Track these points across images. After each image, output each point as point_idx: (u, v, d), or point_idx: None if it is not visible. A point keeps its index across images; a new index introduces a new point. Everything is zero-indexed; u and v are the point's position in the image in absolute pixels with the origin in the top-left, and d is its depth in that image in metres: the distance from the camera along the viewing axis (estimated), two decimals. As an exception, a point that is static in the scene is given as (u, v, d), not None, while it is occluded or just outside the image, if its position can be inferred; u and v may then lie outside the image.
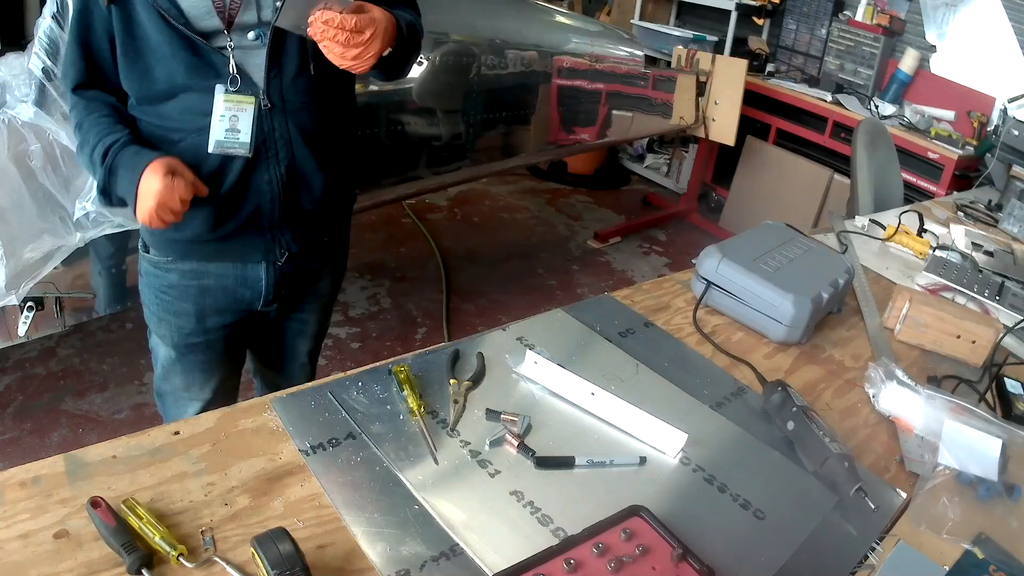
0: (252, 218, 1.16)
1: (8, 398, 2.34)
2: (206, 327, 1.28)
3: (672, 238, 4.29)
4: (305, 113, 1.14)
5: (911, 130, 3.49)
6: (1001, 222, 2.29)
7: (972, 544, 0.91)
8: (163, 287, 1.25)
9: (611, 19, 4.95)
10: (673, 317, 1.35)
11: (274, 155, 1.13)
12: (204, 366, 1.33)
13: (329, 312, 1.50)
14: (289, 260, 1.25)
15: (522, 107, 2.81)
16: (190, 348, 1.30)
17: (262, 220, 1.17)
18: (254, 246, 1.21)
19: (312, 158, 1.17)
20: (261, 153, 1.11)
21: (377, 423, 0.96)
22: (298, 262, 1.27)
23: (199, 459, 0.87)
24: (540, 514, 0.86)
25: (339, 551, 0.78)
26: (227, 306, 1.27)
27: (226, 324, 1.29)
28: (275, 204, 1.16)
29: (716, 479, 0.95)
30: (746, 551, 0.85)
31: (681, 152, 4.84)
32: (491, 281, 3.46)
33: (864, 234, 1.92)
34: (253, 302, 1.27)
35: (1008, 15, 3.46)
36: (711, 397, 1.12)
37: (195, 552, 0.75)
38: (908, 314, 1.38)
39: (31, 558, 0.72)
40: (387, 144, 2.29)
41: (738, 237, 1.48)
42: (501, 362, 1.12)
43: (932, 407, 1.11)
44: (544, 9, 3.09)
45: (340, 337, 2.88)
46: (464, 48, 2.44)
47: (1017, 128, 2.81)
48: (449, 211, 4.18)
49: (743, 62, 3.52)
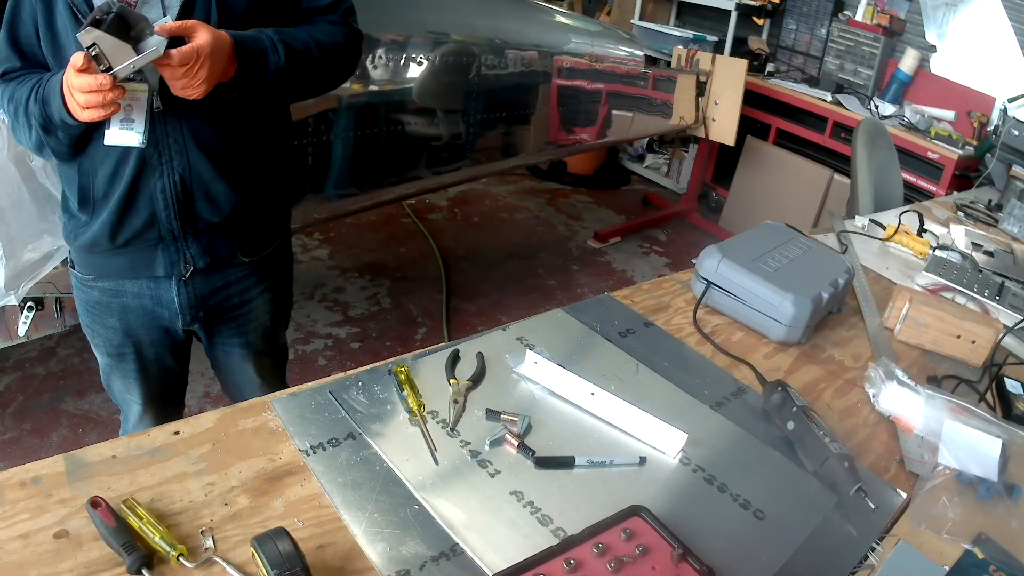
0: (149, 226, 1.15)
1: (8, 398, 2.34)
2: (135, 340, 1.29)
3: (672, 238, 4.29)
4: (201, 120, 1.11)
5: (911, 130, 3.49)
6: (1001, 222, 2.29)
7: (972, 544, 0.91)
8: (90, 303, 1.27)
9: (611, 19, 4.95)
10: (673, 317, 1.35)
11: (168, 161, 1.11)
12: (140, 374, 1.34)
13: (273, 334, 1.44)
14: (200, 277, 1.23)
15: (522, 107, 2.81)
16: (122, 357, 1.31)
17: (160, 229, 1.16)
18: (157, 259, 1.19)
19: (212, 167, 1.14)
20: (154, 158, 1.10)
21: (377, 423, 0.96)
22: (214, 282, 1.26)
23: (199, 459, 0.87)
24: (540, 514, 0.86)
25: (339, 551, 0.78)
26: (150, 323, 1.27)
27: (155, 339, 1.30)
28: (171, 213, 1.14)
29: (716, 479, 0.95)
30: (746, 551, 0.85)
31: (681, 152, 4.84)
32: (491, 281, 3.46)
33: (864, 234, 1.92)
34: (173, 321, 1.27)
35: (1008, 15, 3.46)
36: (711, 397, 1.12)
37: (195, 552, 0.75)
38: (908, 314, 1.38)
39: (31, 558, 0.72)
40: (387, 144, 2.29)
41: (738, 237, 1.48)
42: (501, 362, 1.12)
43: (932, 407, 1.11)
44: (544, 9, 3.09)
45: (340, 337, 2.88)
46: (464, 48, 2.44)
47: (1017, 128, 2.81)
48: (449, 211, 4.18)
49: (743, 62, 3.52)
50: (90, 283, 1.25)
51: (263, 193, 1.26)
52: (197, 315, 1.27)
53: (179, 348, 1.36)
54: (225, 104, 1.09)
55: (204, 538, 0.77)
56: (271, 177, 1.27)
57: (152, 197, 1.13)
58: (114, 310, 1.25)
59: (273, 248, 1.34)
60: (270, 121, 1.25)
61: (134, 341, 1.29)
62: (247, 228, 1.26)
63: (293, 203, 1.43)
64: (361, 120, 2.17)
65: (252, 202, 1.23)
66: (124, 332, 1.28)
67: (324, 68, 1.20)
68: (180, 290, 1.23)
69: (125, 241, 1.16)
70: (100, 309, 1.26)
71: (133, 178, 1.11)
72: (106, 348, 1.31)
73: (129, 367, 1.32)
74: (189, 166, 1.13)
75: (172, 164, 1.11)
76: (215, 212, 1.18)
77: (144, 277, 1.22)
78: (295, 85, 1.18)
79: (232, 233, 1.24)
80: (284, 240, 1.39)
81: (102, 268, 1.22)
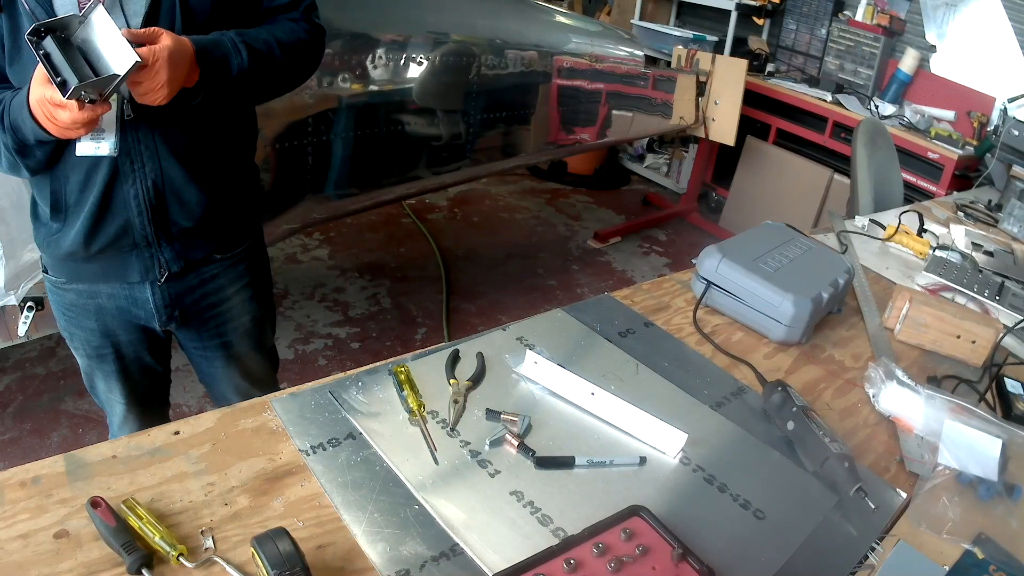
0: (123, 233, 1.15)
1: (8, 398, 2.34)
2: (114, 341, 1.29)
3: (672, 238, 4.29)
4: (171, 126, 1.11)
5: (911, 130, 3.49)
6: (1001, 222, 2.29)
7: (972, 544, 0.91)
8: (65, 305, 1.27)
9: (611, 19, 4.95)
10: (673, 317, 1.35)
11: (140, 168, 1.11)
12: (121, 374, 1.34)
13: (257, 337, 1.43)
14: (174, 279, 1.23)
15: (522, 107, 2.81)
16: (102, 358, 1.31)
17: (134, 236, 1.16)
18: (132, 265, 1.19)
19: (183, 172, 1.14)
20: (126, 165, 1.10)
21: (377, 423, 0.96)
22: (188, 282, 1.26)
23: (199, 459, 0.87)
24: (540, 514, 0.86)
25: (339, 551, 0.78)
26: (127, 324, 1.27)
27: (133, 339, 1.30)
28: (145, 219, 1.14)
29: (716, 479, 0.95)
30: (746, 551, 0.85)
31: (681, 152, 4.84)
32: (491, 281, 3.46)
33: (864, 234, 1.92)
34: (149, 321, 1.27)
35: (1008, 15, 3.45)
36: (711, 397, 1.12)
37: (195, 552, 0.75)
38: (908, 314, 1.38)
39: (31, 558, 0.72)
40: (387, 144, 2.29)
41: (738, 237, 1.48)
42: (501, 362, 1.12)
43: (932, 407, 1.11)
44: (544, 9, 3.09)
45: (340, 337, 2.88)
46: (464, 48, 2.44)
47: (1017, 128, 2.81)
48: (449, 211, 4.18)
49: (743, 62, 3.52)
50: (64, 286, 1.25)
51: (233, 194, 1.26)
52: (173, 314, 1.27)
53: (158, 347, 1.35)
54: (193, 109, 1.09)
55: (204, 538, 0.77)
56: (240, 178, 1.28)
57: (126, 203, 1.13)
58: (90, 311, 1.25)
59: (246, 246, 1.34)
60: (237, 122, 1.25)
61: (112, 341, 1.29)
62: (219, 229, 1.26)
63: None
64: (361, 120, 2.17)
65: (223, 204, 1.23)
66: (102, 333, 1.27)
67: (287, 67, 1.20)
68: (154, 291, 1.23)
69: (100, 248, 1.16)
70: (76, 311, 1.26)
71: (106, 185, 1.11)
72: (85, 350, 1.31)
73: (109, 368, 1.32)
74: (161, 172, 1.13)
75: (144, 170, 1.11)
76: (188, 216, 1.18)
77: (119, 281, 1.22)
78: (259, 86, 1.18)
79: (204, 236, 1.24)
80: (257, 238, 1.38)
81: (75, 272, 1.22)
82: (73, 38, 0.91)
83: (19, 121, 1.00)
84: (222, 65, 1.07)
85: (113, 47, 0.91)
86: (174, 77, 0.98)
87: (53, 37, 0.88)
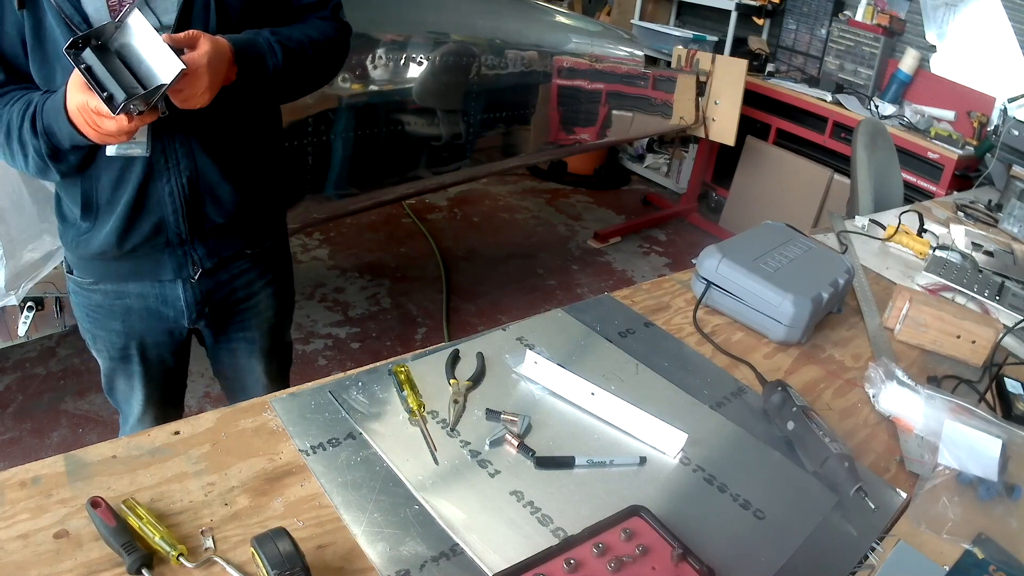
0: (157, 231, 1.15)
1: (8, 398, 2.34)
2: (139, 342, 1.29)
3: (672, 238, 4.29)
4: (206, 123, 1.11)
5: (911, 130, 3.49)
6: (1001, 222, 2.29)
7: (972, 544, 0.91)
8: (90, 307, 1.26)
9: (611, 19, 4.95)
10: (673, 317, 1.35)
11: (175, 165, 1.11)
12: (143, 376, 1.34)
13: (278, 331, 1.44)
14: (206, 276, 1.23)
15: (522, 107, 2.81)
16: (126, 360, 1.31)
17: (168, 234, 1.16)
18: (165, 263, 1.19)
19: (217, 169, 1.15)
20: (161, 163, 1.10)
21: (377, 423, 0.96)
22: (218, 277, 1.26)
23: (199, 459, 0.87)
24: (540, 514, 0.86)
25: (339, 551, 0.78)
26: (154, 324, 1.27)
27: (158, 341, 1.30)
28: (179, 217, 1.15)
29: (716, 479, 0.95)
30: (746, 551, 0.85)
31: (681, 152, 4.84)
32: (491, 281, 3.46)
33: (864, 234, 1.92)
34: (178, 320, 1.27)
35: (1008, 15, 3.46)
36: (711, 397, 1.12)
37: (195, 552, 0.75)
38: (908, 314, 1.38)
39: (31, 558, 0.72)
40: (387, 144, 2.29)
41: (738, 237, 1.48)
42: (501, 362, 1.12)
43: (932, 407, 1.11)
44: (544, 9, 3.09)
45: (340, 337, 2.88)
46: (464, 48, 2.44)
47: (1017, 128, 2.81)
48: (449, 211, 4.18)
49: (743, 62, 3.52)
50: (91, 287, 1.24)
51: (264, 189, 1.27)
52: (203, 311, 1.27)
53: (180, 349, 1.36)
54: (227, 107, 1.09)
55: (204, 538, 0.77)
56: (270, 174, 1.28)
57: (160, 201, 1.13)
58: (116, 313, 1.25)
59: (272, 241, 1.35)
60: (266, 118, 1.26)
61: (137, 343, 1.29)
62: (250, 225, 1.27)
63: (292, 202, 1.42)
64: (361, 120, 2.17)
65: (254, 199, 1.24)
66: (127, 334, 1.27)
67: (318, 64, 1.21)
68: (186, 288, 1.23)
69: (132, 247, 1.16)
70: (102, 313, 1.25)
71: (140, 183, 1.11)
72: (109, 352, 1.30)
73: (133, 369, 1.32)
74: (196, 169, 1.13)
75: (179, 168, 1.12)
76: (221, 213, 1.19)
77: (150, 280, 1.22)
78: (292, 84, 1.19)
79: (236, 233, 1.24)
80: (282, 234, 1.40)
81: (104, 272, 1.22)
82: (110, 43, 0.90)
83: (55, 126, 0.99)
84: (258, 64, 1.07)
85: (154, 53, 0.90)
86: (215, 81, 0.99)
87: (91, 47, 0.87)
